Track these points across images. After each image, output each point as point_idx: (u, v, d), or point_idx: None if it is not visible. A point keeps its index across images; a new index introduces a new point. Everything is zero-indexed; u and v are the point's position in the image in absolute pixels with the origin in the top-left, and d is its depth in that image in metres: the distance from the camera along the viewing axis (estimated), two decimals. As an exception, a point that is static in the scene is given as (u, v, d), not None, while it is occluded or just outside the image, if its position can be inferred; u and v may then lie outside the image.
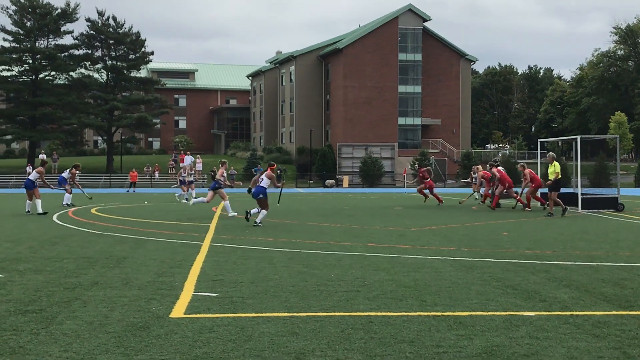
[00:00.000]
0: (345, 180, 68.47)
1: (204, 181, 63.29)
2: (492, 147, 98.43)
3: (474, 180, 29.81)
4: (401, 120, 75.47)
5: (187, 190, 34.40)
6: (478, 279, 9.21)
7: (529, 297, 7.94)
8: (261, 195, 18.50)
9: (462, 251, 12.36)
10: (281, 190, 22.17)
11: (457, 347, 5.74)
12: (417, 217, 21.52)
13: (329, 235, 15.57)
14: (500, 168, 26.48)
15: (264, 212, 18.38)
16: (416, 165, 62.11)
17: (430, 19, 76.42)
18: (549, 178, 22.68)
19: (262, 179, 18.84)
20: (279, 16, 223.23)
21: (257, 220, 18.12)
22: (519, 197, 25.59)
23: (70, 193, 28.18)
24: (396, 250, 12.50)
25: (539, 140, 30.52)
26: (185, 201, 30.74)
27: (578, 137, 26.37)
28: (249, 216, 18.86)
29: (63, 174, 28.78)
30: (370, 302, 7.60)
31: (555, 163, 22.78)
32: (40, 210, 22.92)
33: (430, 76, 76.93)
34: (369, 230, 16.94)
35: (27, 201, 24.06)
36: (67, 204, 27.41)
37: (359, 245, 13.37)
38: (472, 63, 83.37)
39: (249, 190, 19.56)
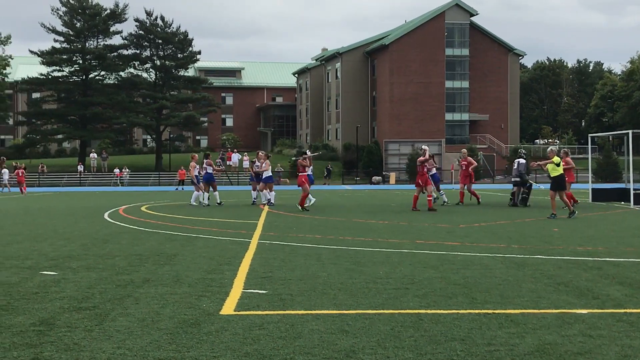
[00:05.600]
0: (392, 176, 68.28)
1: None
2: (542, 142, 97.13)
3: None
4: (448, 116, 74.96)
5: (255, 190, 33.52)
6: (529, 276, 9.10)
7: (581, 295, 7.82)
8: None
9: (512, 248, 12.22)
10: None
11: (509, 345, 5.67)
12: (465, 214, 21.35)
13: (376, 232, 15.53)
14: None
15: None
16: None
17: (477, 14, 75.74)
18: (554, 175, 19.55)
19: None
20: (315, 13, 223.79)
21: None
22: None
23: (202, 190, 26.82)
24: (445, 247, 12.41)
25: (589, 135, 30.04)
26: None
27: (630, 131, 25.89)
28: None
29: (208, 170, 26.96)
30: (420, 299, 7.55)
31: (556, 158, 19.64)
32: (218, 200, 26.10)
33: (477, 71, 76.21)
34: (417, 227, 16.86)
35: (205, 193, 26.37)
36: (199, 201, 26.72)
37: (407, 242, 13.31)
38: (520, 57, 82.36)
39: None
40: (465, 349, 5.56)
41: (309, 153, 24.63)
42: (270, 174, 25.83)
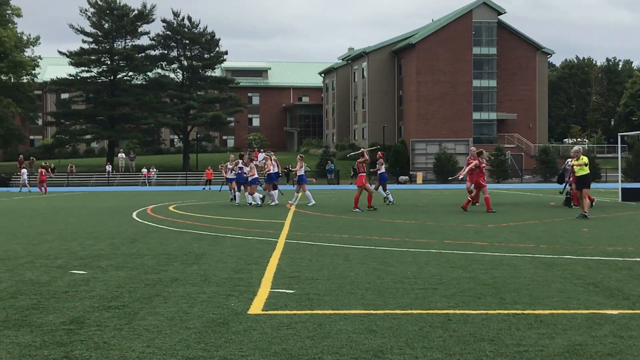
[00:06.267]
0: (419, 176, 68.08)
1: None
2: (570, 141, 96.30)
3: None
4: (476, 115, 74.62)
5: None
6: (558, 276, 9.02)
7: (612, 295, 7.74)
8: None
9: (541, 248, 12.12)
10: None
11: (539, 345, 5.63)
12: (494, 214, 21.21)
13: (404, 232, 15.48)
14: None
15: None
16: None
17: (505, 12, 75.27)
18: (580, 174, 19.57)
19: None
20: (341, 13, 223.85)
21: None
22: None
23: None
24: (473, 247, 12.34)
25: (619, 134, 29.74)
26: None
27: (660, 130, 25.57)
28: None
29: (244, 169, 26.98)
30: (448, 299, 7.52)
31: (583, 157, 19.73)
32: (250, 201, 26.05)
33: (505, 70, 75.77)
34: (445, 227, 16.79)
35: (237, 192, 27.03)
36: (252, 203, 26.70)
37: (435, 242, 13.25)
38: (548, 56, 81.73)
39: None
40: (494, 349, 5.52)
41: (363, 150, 24.64)
42: (256, 175, 25.96)
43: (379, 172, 26.65)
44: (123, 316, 6.80)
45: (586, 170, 19.34)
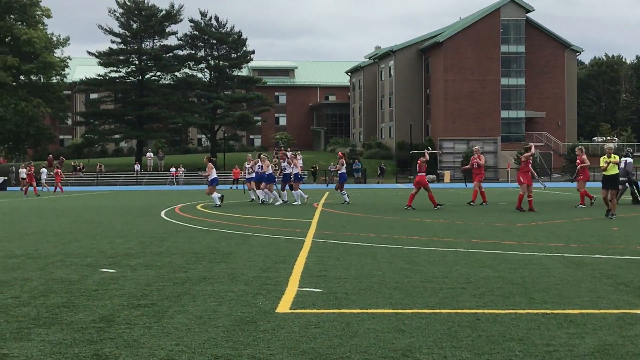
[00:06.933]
0: (447, 175, 67.76)
1: (305, 176, 63.64)
2: (600, 139, 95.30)
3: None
4: (504, 114, 74.05)
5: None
6: (588, 276, 8.94)
7: (643, 295, 7.67)
8: None
9: (571, 247, 12.01)
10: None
11: (569, 345, 5.59)
12: (522, 213, 21.07)
13: (431, 231, 15.43)
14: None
15: None
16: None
17: (533, 10, 74.61)
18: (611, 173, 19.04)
19: None
20: (368, 12, 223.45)
21: None
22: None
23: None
24: (502, 246, 12.27)
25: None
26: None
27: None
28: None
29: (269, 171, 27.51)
30: (477, 299, 7.48)
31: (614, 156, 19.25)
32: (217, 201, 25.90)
33: (533, 68, 75.10)
34: (473, 226, 16.70)
35: (258, 191, 27.43)
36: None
37: (463, 241, 13.19)
38: (577, 54, 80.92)
39: None
40: (523, 349, 5.49)
41: (427, 153, 24.59)
42: (215, 176, 26.04)
43: (339, 172, 26.91)
44: (152, 314, 6.85)
45: (616, 170, 19.18)
